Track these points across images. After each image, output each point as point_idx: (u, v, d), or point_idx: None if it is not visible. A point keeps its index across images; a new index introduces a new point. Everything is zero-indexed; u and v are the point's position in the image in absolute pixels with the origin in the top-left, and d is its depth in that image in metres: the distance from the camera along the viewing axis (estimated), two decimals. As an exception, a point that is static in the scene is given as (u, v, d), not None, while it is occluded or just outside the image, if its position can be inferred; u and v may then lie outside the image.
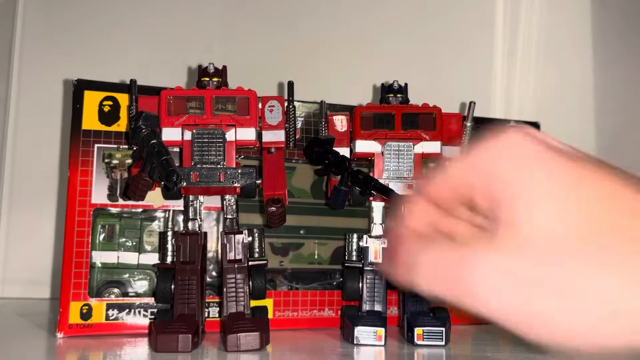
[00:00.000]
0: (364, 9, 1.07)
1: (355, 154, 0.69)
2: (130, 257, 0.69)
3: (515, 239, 0.27)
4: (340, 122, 0.70)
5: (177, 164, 0.60)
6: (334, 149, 0.66)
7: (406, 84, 0.72)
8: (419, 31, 1.07)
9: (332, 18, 1.07)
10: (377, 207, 0.70)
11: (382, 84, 0.72)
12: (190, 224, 0.64)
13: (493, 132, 0.29)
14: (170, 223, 0.69)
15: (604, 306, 0.26)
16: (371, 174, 0.68)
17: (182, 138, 0.63)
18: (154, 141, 0.59)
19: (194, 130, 0.63)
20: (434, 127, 0.69)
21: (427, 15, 1.08)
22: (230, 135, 0.64)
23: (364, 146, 0.68)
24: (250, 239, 0.64)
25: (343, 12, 1.07)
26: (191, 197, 0.64)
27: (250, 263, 0.63)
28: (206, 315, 0.67)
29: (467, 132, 0.70)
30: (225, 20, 1.05)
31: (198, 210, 0.64)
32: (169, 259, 0.63)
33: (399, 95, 0.71)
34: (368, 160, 0.70)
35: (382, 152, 0.68)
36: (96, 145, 0.67)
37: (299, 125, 0.73)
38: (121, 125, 0.68)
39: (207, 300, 0.67)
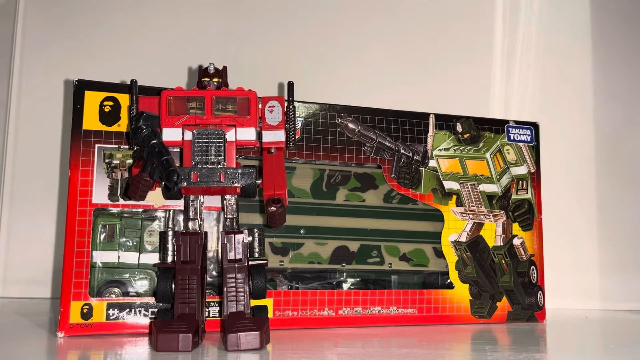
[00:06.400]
0: (363, 9, 1.07)
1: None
2: (130, 257, 0.69)
3: None
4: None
5: (177, 164, 0.60)
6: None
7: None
8: (418, 31, 1.08)
9: (332, 19, 1.07)
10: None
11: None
12: (190, 224, 0.64)
13: None
14: (170, 223, 0.70)
15: None
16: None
17: (183, 138, 0.64)
18: (155, 141, 0.60)
19: (195, 131, 0.63)
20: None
21: (427, 15, 1.08)
22: (230, 135, 0.64)
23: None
24: (250, 238, 0.64)
25: (343, 12, 1.07)
26: (191, 197, 0.64)
27: (250, 263, 0.63)
28: (206, 314, 0.67)
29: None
30: (225, 20, 1.05)
31: (198, 210, 0.64)
32: (169, 259, 0.64)
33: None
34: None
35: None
36: (97, 146, 0.67)
37: (299, 125, 0.74)
38: (122, 126, 0.68)
39: (207, 300, 0.67)
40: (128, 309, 0.65)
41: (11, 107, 1.00)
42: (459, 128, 0.81)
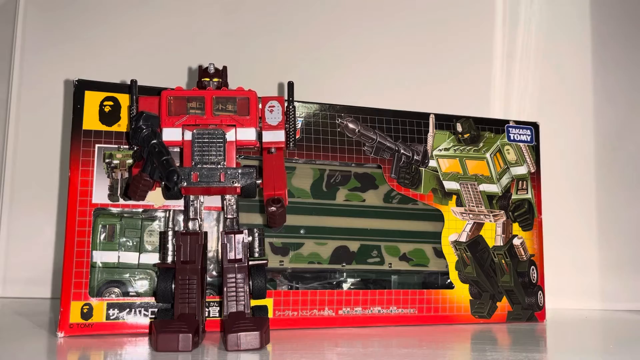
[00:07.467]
0: (363, 10, 1.07)
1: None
2: (130, 257, 0.69)
3: None
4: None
5: (177, 164, 0.60)
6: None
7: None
8: (418, 32, 1.08)
9: (332, 19, 1.07)
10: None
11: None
12: (190, 224, 0.64)
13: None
14: (170, 223, 0.70)
15: None
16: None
17: (183, 138, 0.64)
18: (155, 141, 0.60)
19: (195, 131, 0.64)
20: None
21: (426, 16, 1.08)
22: (230, 135, 0.64)
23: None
24: (250, 238, 0.64)
25: (343, 13, 1.07)
26: (191, 197, 0.64)
27: (250, 263, 0.63)
28: (206, 314, 0.67)
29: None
30: (225, 20, 1.05)
31: (198, 210, 0.64)
32: (169, 259, 0.64)
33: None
34: None
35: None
36: (97, 146, 0.67)
37: (299, 125, 0.74)
38: (122, 126, 0.68)
39: (207, 300, 0.67)
40: (128, 309, 0.65)
41: (11, 107, 1.00)
42: (459, 128, 0.81)
